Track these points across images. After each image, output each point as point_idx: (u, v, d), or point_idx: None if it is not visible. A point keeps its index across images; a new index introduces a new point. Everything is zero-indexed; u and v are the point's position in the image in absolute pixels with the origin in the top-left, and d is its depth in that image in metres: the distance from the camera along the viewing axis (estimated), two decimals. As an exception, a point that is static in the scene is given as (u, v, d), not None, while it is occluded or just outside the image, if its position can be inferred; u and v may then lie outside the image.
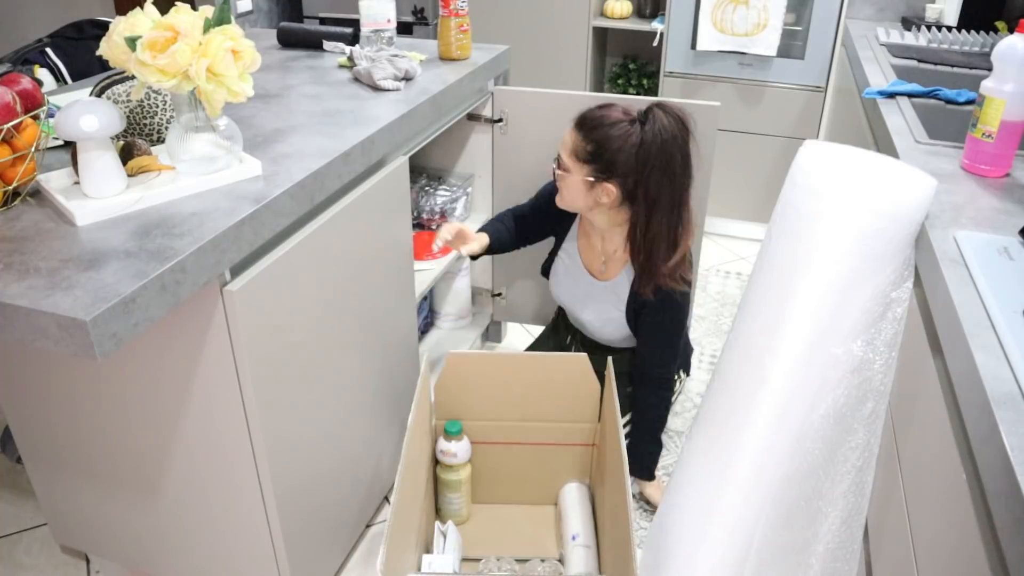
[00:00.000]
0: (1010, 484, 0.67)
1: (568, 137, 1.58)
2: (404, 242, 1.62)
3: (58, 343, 0.90)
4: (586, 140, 1.53)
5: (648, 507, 1.81)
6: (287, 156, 1.30)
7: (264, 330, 1.18)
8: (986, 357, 0.82)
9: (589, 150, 1.53)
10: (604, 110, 1.54)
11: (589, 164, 1.54)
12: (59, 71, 1.87)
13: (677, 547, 1.30)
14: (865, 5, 2.71)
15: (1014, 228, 1.11)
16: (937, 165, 1.35)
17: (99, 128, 1.06)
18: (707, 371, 2.27)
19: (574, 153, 1.56)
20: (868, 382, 1.15)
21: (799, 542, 1.21)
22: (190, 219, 1.09)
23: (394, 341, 1.65)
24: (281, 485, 1.29)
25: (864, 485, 1.19)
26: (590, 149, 1.53)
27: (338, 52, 1.97)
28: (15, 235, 1.04)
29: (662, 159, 1.50)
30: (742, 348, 1.26)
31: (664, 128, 1.49)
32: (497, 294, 2.25)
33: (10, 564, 1.65)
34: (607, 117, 1.52)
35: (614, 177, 1.53)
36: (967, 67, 2.07)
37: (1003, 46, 1.24)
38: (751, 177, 2.94)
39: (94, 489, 1.44)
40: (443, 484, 1.68)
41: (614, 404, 1.51)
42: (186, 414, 1.25)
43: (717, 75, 2.83)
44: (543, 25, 3.09)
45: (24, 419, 1.42)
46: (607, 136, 1.51)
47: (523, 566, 1.62)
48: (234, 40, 1.10)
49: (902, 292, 1.13)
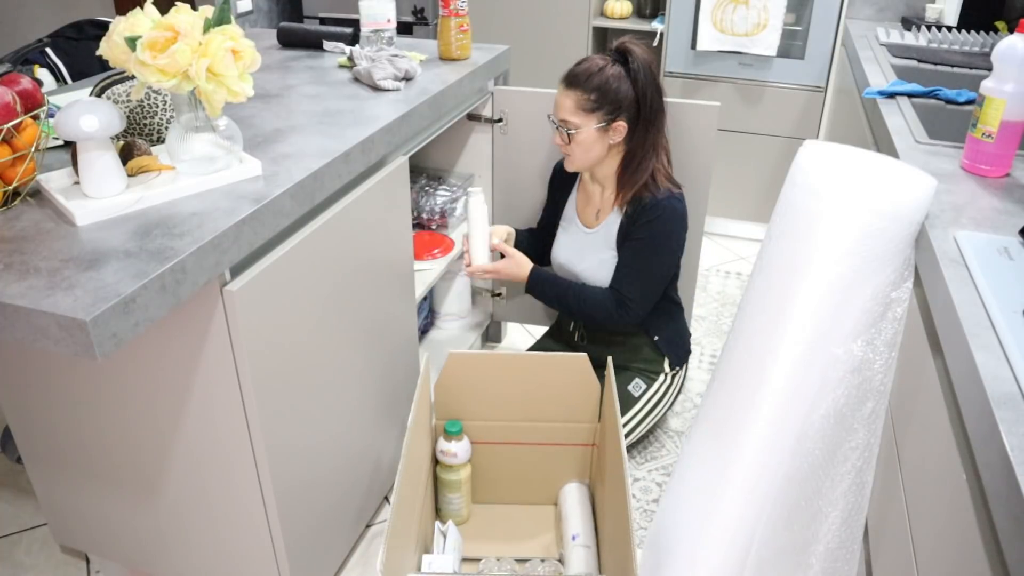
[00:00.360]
0: (1010, 484, 0.67)
1: (565, 99, 1.69)
2: (404, 242, 1.62)
3: (58, 343, 0.90)
4: (586, 92, 1.66)
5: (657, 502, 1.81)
6: (287, 156, 1.30)
7: (264, 330, 1.18)
8: (986, 357, 0.82)
9: (593, 99, 1.66)
10: (586, 63, 1.69)
11: (597, 111, 1.67)
12: (59, 71, 1.87)
13: (677, 547, 1.30)
14: (865, 5, 2.71)
15: (1014, 228, 1.11)
16: (937, 165, 1.35)
17: (99, 128, 1.06)
18: (707, 371, 2.27)
19: (579, 108, 1.67)
20: (868, 382, 1.15)
21: (799, 542, 1.21)
22: (190, 219, 1.09)
23: (394, 341, 1.65)
24: (281, 485, 1.29)
25: (864, 485, 1.19)
26: (594, 98, 1.66)
27: (338, 52, 1.97)
28: (15, 235, 1.04)
29: (652, 79, 1.68)
30: (742, 348, 1.26)
31: (643, 56, 1.67)
32: (497, 294, 2.25)
33: (10, 564, 1.65)
34: (594, 66, 1.67)
35: (621, 113, 1.67)
36: (967, 67, 2.07)
37: (1003, 46, 1.24)
38: (751, 177, 2.94)
39: (94, 489, 1.44)
40: (443, 484, 1.68)
41: (614, 404, 1.51)
42: (186, 414, 1.25)
43: (717, 75, 2.83)
44: (543, 25, 3.09)
45: (24, 419, 1.42)
46: (604, 80, 1.65)
47: (523, 566, 1.62)
48: (234, 40, 1.10)
49: (902, 292, 1.13)
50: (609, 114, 1.67)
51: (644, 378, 1.87)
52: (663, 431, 2.04)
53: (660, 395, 1.89)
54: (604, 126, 1.68)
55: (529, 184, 2.04)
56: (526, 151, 2.02)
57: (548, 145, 1.99)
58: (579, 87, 1.66)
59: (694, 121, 1.84)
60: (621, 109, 1.67)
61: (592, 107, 1.67)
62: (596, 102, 1.66)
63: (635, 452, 1.95)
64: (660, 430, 2.04)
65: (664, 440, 2.01)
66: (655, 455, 1.96)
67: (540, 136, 1.98)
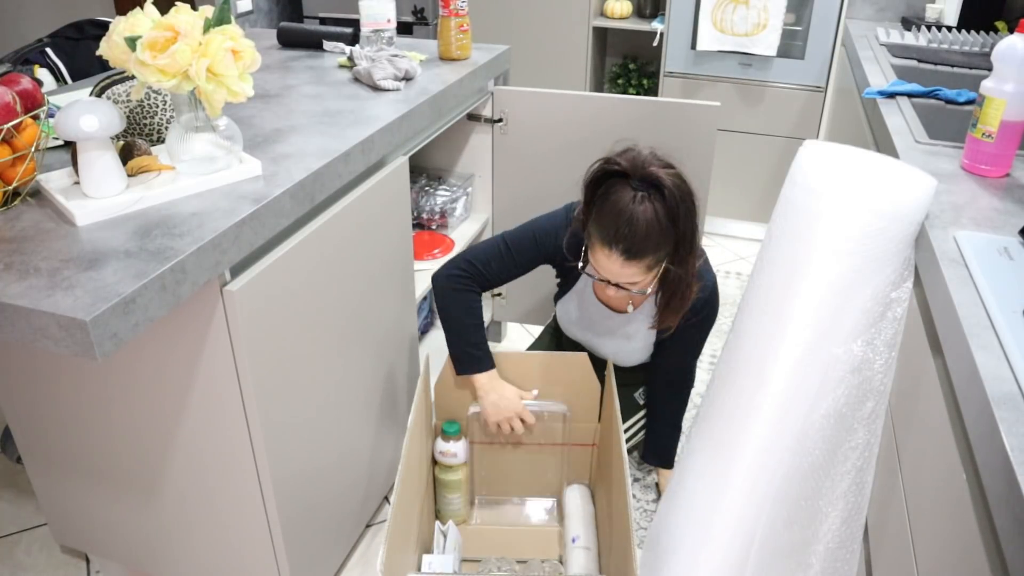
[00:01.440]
0: (1010, 484, 0.67)
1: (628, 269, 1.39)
2: (404, 242, 1.62)
3: (58, 343, 0.90)
4: (652, 258, 1.39)
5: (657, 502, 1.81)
6: (287, 156, 1.30)
7: (264, 330, 1.18)
8: (986, 357, 0.82)
9: (659, 257, 1.40)
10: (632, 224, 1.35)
11: (656, 265, 1.42)
12: (59, 71, 1.87)
13: (678, 547, 1.30)
14: (865, 5, 2.71)
15: (1014, 228, 1.11)
16: (937, 165, 1.35)
17: (99, 128, 1.06)
18: (707, 371, 2.27)
19: (647, 269, 1.41)
20: (868, 382, 1.15)
21: (799, 541, 1.21)
22: (190, 219, 1.09)
23: (394, 341, 1.65)
24: (281, 485, 1.29)
25: (864, 485, 1.19)
26: (660, 256, 1.40)
27: (338, 52, 1.97)
28: (15, 235, 1.04)
29: (687, 204, 1.38)
30: (742, 348, 1.26)
31: (672, 182, 1.36)
32: (497, 294, 2.25)
33: (10, 564, 1.65)
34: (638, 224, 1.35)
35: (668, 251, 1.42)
36: (967, 67, 2.07)
37: (1003, 46, 1.24)
38: (751, 177, 2.94)
39: (94, 489, 1.44)
40: (442, 485, 1.68)
41: (614, 404, 1.51)
42: (186, 414, 1.25)
43: (717, 75, 2.83)
44: (543, 25, 3.09)
45: (24, 419, 1.42)
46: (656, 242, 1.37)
47: (523, 567, 1.62)
48: (234, 40, 1.10)
49: (902, 292, 1.13)
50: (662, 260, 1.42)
51: None
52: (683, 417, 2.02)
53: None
54: (657, 270, 1.44)
55: (529, 184, 2.04)
56: (526, 151, 2.02)
57: (548, 145, 1.99)
58: (641, 255, 1.37)
59: (694, 121, 1.84)
60: (668, 249, 1.42)
61: (654, 264, 1.41)
62: (660, 259, 1.41)
63: (635, 452, 1.95)
64: (660, 430, 2.03)
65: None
66: (655, 455, 1.95)
67: (540, 136, 1.98)
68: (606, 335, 1.66)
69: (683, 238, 1.40)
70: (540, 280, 2.20)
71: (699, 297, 1.52)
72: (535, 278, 2.19)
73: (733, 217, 3.04)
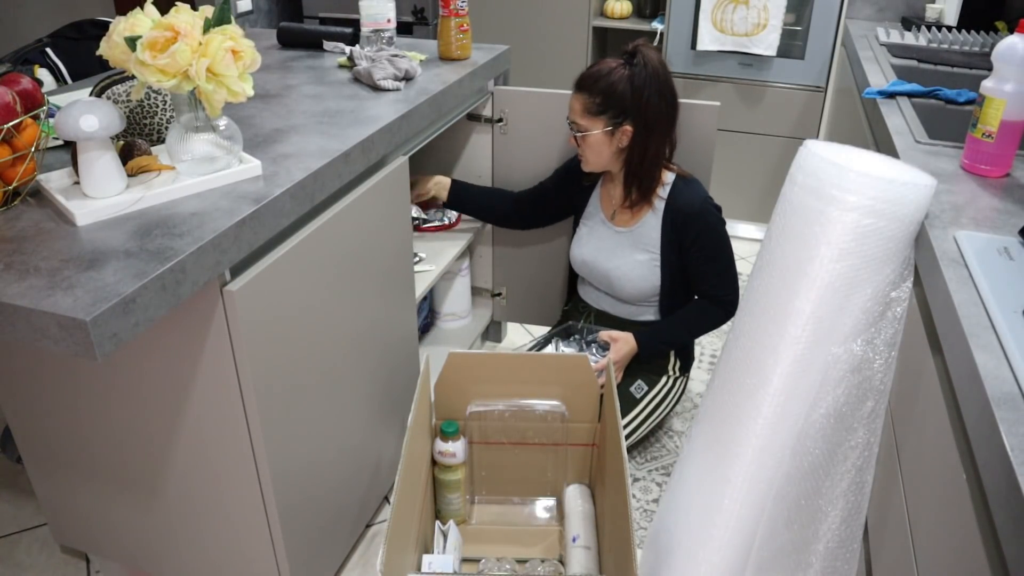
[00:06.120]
0: (1010, 484, 0.67)
1: (575, 101, 1.69)
2: (404, 242, 1.62)
3: (58, 343, 0.90)
4: (592, 95, 1.65)
5: (657, 502, 1.81)
6: (287, 156, 1.30)
7: (264, 330, 1.18)
8: (986, 357, 0.82)
9: (598, 102, 1.65)
10: (598, 65, 1.67)
11: (602, 115, 1.66)
12: (59, 71, 1.87)
13: (678, 547, 1.30)
14: (865, 5, 2.71)
15: (1014, 228, 1.11)
16: (937, 165, 1.35)
17: (99, 128, 1.06)
18: (707, 371, 2.27)
19: (586, 111, 1.67)
20: (868, 381, 1.15)
21: (799, 541, 1.21)
22: (190, 219, 1.09)
23: (394, 341, 1.65)
24: (281, 485, 1.29)
25: (864, 484, 1.19)
26: (598, 101, 1.65)
27: (338, 52, 1.97)
28: (15, 235, 1.04)
29: (656, 82, 1.64)
30: (742, 348, 1.26)
31: (649, 58, 1.64)
32: (497, 294, 2.25)
33: (10, 564, 1.65)
34: (602, 68, 1.66)
35: (627, 117, 1.66)
36: (967, 67, 2.07)
37: (1003, 46, 1.24)
38: (751, 177, 2.94)
39: (94, 489, 1.44)
40: (441, 485, 1.68)
41: (614, 404, 1.51)
42: (186, 414, 1.25)
43: (717, 75, 2.83)
44: (543, 25, 3.09)
45: (24, 419, 1.42)
46: (609, 83, 1.64)
47: (523, 566, 1.62)
48: (234, 40, 1.11)
49: (902, 292, 1.13)
50: (615, 118, 1.66)
51: (646, 379, 1.87)
52: (664, 431, 2.04)
53: (662, 397, 1.89)
54: (611, 130, 1.67)
55: (529, 184, 2.04)
56: (526, 151, 2.02)
57: (548, 145, 1.99)
58: (586, 90, 1.67)
59: (694, 121, 1.84)
60: (626, 114, 1.66)
61: (597, 110, 1.66)
62: (601, 105, 1.66)
63: (635, 452, 1.95)
64: (661, 430, 2.04)
65: (664, 440, 2.01)
66: (655, 455, 1.96)
67: (540, 136, 1.98)
68: (615, 252, 1.81)
69: (646, 110, 1.64)
70: (540, 280, 2.20)
71: (689, 210, 1.71)
72: (535, 277, 2.19)
73: (733, 217, 3.04)
